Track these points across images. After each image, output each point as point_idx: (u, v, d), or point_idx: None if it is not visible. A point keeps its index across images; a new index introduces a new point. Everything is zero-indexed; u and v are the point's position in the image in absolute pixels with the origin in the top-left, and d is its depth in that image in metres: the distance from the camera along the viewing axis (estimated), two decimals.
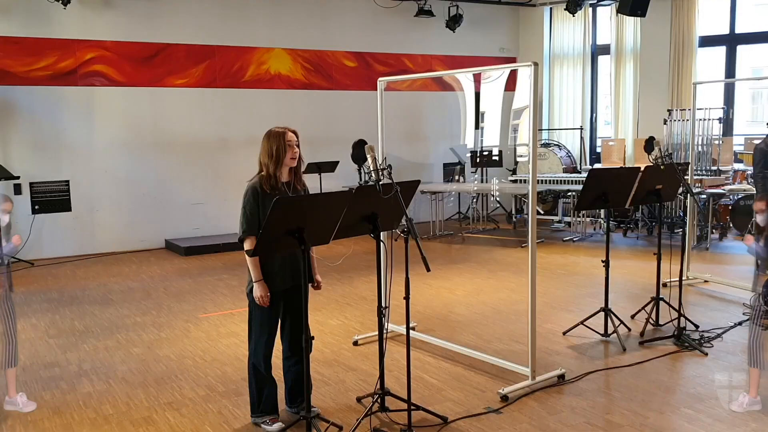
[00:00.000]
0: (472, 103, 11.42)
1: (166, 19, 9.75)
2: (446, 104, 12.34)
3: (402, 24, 11.65)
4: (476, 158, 11.47)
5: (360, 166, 3.25)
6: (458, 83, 11.37)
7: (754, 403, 4.04)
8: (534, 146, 4.27)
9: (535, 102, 4.19)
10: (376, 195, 3.54)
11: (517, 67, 4.44)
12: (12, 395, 4.17)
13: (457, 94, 11.57)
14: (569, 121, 12.55)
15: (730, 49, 11.41)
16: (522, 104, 11.80)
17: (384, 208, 3.68)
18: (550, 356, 5.07)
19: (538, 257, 8.89)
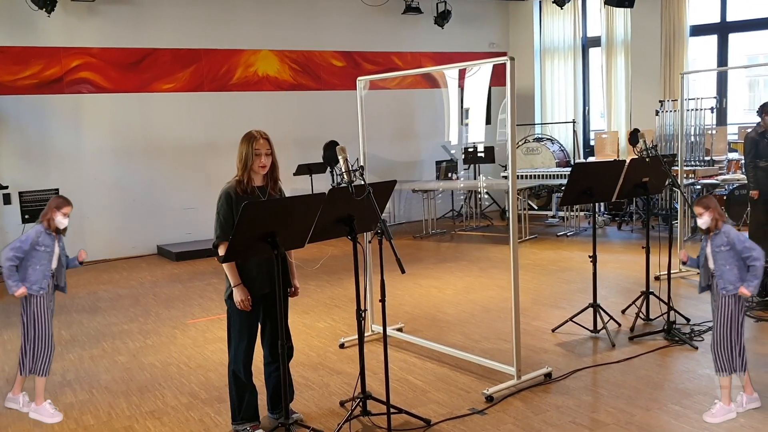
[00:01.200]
0: (456, 99, 11.32)
1: (151, 24, 9.70)
2: (436, 101, 12.27)
3: (390, 22, 11.59)
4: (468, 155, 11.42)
5: (332, 167, 3.20)
6: (443, 80, 11.30)
7: (752, 401, 3.95)
8: (512, 142, 4.21)
9: (512, 97, 4.13)
10: (350, 197, 3.49)
11: (493, 62, 4.36)
12: (39, 403, 4.17)
13: (443, 91, 11.49)
14: (562, 115, 12.49)
15: (722, 37, 11.33)
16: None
17: (360, 210, 3.62)
18: (538, 354, 5.02)
19: (531, 253, 8.90)
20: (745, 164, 7.40)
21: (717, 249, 3.83)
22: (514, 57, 4.15)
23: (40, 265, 4.04)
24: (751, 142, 7.27)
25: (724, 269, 3.82)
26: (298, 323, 6.00)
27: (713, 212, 3.86)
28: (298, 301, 6.71)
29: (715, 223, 3.86)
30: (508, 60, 4.11)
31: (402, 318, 6.06)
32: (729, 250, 3.79)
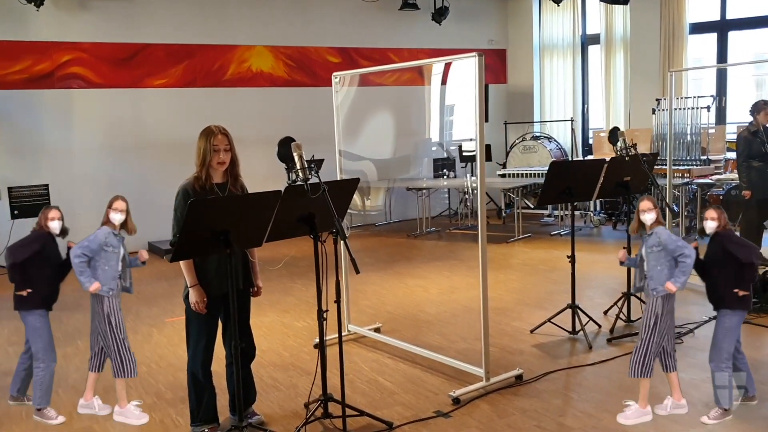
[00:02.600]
0: (437, 96, 11.19)
1: (144, 19, 9.66)
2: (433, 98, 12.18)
3: (386, 18, 11.50)
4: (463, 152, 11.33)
5: (287, 165, 3.14)
6: (429, 76, 11.20)
7: (678, 407, 3.87)
8: (481, 142, 4.12)
9: (481, 94, 4.05)
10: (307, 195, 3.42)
11: (461, 58, 4.28)
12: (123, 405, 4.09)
13: (425, 88, 11.37)
14: (561, 113, 12.36)
15: (721, 35, 11.17)
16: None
17: (321, 209, 3.55)
18: (513, 355, 4.94)
19: (522, 252, 8.81)
20: (738, 164, 7.27)
21: (650, 249, 3.78)
22: (482, 53, 4.07)
23: (108, 266, 3.98)
24: (743, 141, 7.15)
25: (655, 270, 3.78)
26: (276, 322, 5.95)
27: (657, 212, 3.83)
28: (281, 299, 6.67)
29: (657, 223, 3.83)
30: (476, 56, 4.03)
31: (383, 317, 5.99)
32: (661, 251, 3.74)
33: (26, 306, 4.04)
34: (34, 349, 4.05)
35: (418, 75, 12.09)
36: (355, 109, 7.61)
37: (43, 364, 4.04)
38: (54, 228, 4.12)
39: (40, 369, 4.05)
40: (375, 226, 11.38)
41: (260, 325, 5.87)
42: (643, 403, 3.84)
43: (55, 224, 4.13)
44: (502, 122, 12.61)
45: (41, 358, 4.05)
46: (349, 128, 8.00)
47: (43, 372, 4.05)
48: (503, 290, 6.90)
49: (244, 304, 3.82)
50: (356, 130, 9.25)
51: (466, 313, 6.11)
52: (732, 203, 8.97)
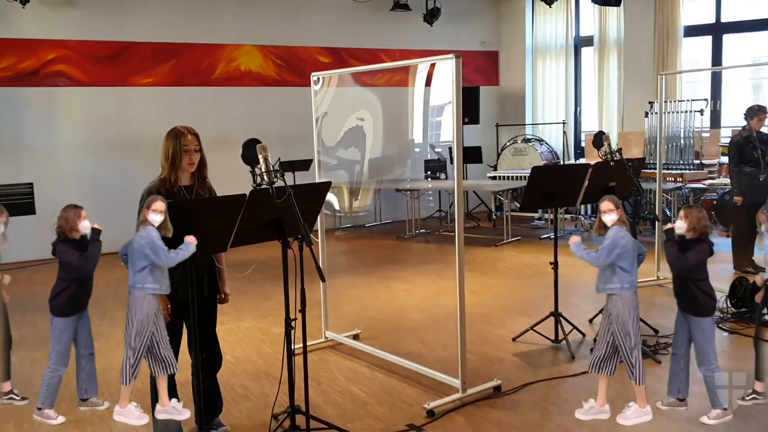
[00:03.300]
0: (421, 98, 11.03)
1: (130, 17, 9.53)
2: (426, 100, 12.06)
3: (378, 18, 11.38)
4: None
5: (252, 168, 3.02)
6: (413, 78, 11.06)
7: (642, 414, 3.83)
8: (458, 144, 3.99)
9: (458, 96, 3.92)
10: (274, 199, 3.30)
11: (439, 59, 4.16)
12: (166, 404, 3.78)
13: (409, 89, 11.22)
14: (553, 116, 12.24)
15: (716, 38, 11.07)
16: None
17: (290, 213, 3.42)
18: (493, 365, 4.81)
19: (510, 257, 8.69)
20: (730, 169, 7.16)
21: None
22: (460, 56, 3.95)
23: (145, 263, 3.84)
24: (736, 146, 7.04)
25: (603, 271, 3.78)
26: (253, 328, 5.82)
27: (620, 212, 3.78)
28: (260, 304, 6.54)
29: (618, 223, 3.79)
30: (453, 58, 3.91)
31: (364, 323, 5.86)
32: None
33: (58, 311, 3.98)
34: (51, 350, 3.99)
35: (411, 76, 11.96)
36: (342, 109, 7.48)
37: (54, 366, 4.00)
38: (84, 228, 4.00)
39: (50, 371, 4.00)
40: (364, 227, 11.26)
41: (236, 332, 5.75)
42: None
43: (86, 224, 4.01)
44: (494, 124, 12.49)
45: (54, 360, 3.99)
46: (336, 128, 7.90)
47: (53, 374, 4.00)
48: (488, 296, 6.78)
49: (209, 312, 3.70)
50: (344, 130, 9.11)
51: (449, 320, 5.94)
52: (725, 208, 8.86)
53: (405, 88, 11.76)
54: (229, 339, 5.47)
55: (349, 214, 10.79)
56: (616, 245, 3.72)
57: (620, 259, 3.74)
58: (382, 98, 11.26)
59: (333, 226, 10.93)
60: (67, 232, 3.93)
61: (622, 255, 3.73)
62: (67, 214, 3.98)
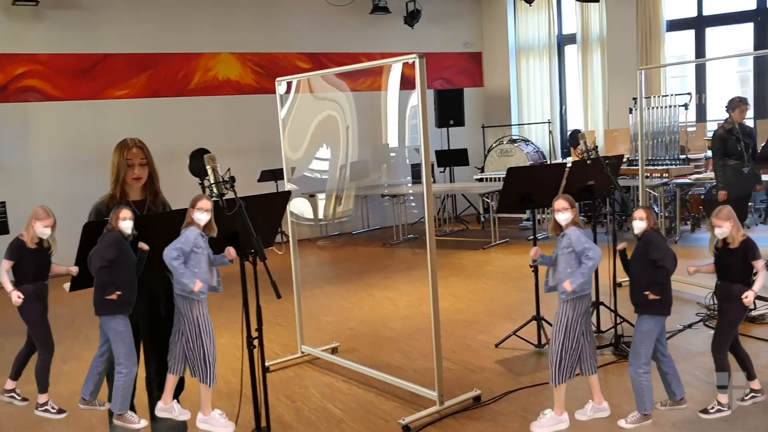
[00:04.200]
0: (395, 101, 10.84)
1: (103, 29, 9.37)
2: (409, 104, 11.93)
3: (357, 22, 11.24)
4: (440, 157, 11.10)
5: (201, 179, 2.88)
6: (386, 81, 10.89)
7: (600, 410, 3.69)
8: (426, 149, 3.84)
9: (424, 98, 3.78)
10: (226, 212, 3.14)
11: (402, 60, 4.01)
12: (206, 413, 3.73)
13: (381, 93, 11.06)
14: (539, 115, 12.12)
15: (699, 32, 10.97)
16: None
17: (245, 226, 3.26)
18: (475, 374, 4.65)
19: (497, 259, 8.54)
20: (713, 163, 7.03)
21: (561, 251, 3.59)
22: (423, 55, 3.80)
23: (198, 268, 3.67)
24: (719, 139, 6.91)
25: (565, 273, 3.57)
26: (229, 344, 5.63)
27: (574, 212, 3.65)
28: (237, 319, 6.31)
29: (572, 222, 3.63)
30: (417, 58, 3.76)
31: (344, 334, 5.70)
32: (570, 253, 3.54)
33: (110, 310, 3.70)
34: (117, 354, 3.71)
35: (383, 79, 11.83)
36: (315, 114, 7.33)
37: (125, 369, 3.71)
38: (125, 228, 3.80)
39: (123, 375, 3.72)
40: (351, 234, 11.11)
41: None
42: (559, 411, 3.65)
43: (127, 224, 3.81)
44: (480, 126, 12.36)
45: (123, 363, 3.72)
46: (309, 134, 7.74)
47: (126, 377, 3.74)
48: (473, 300, 6.62)
49: (168, 333, 3.53)
50: (323, 136, 8.94)
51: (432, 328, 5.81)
52: (714, 203, 8.73)
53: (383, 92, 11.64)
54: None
55: (333, 221, 10.63)
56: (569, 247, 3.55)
57: (570, 261, 3.58)
58: (360, 102, 11.13)
59: (319, 235, 10.77)
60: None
61: (573, 258, 3.58)
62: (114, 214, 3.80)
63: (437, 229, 10.94)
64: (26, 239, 3.29)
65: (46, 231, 3.19)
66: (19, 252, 3.29)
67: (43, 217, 3.27)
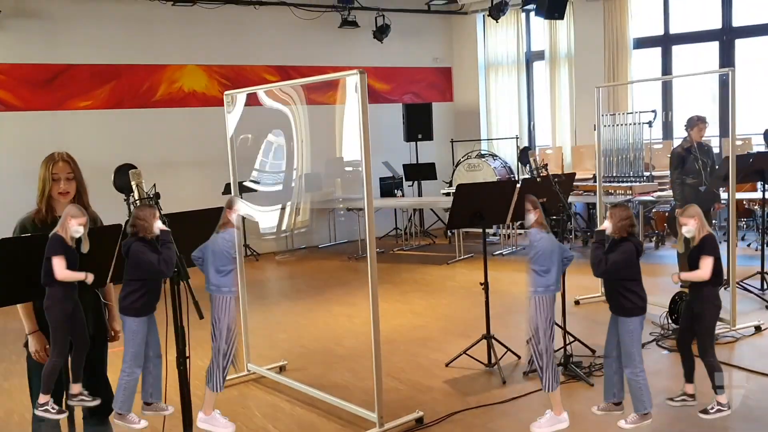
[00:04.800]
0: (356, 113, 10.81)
1: (66, 39, 9.24)
2: (378, 117, 11.92)
3: (326, 36, 11.22)
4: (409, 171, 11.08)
5: (127, 196, 2.83)
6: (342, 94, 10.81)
7: (558, 422, 3.73)
8: (367, 164, 3.79)
9: (365, 114, 3.73)
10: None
11: (342, 76, 3.98)
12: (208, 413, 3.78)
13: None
14: (507, 131, 12.14)
15: (665, 49, 11.09)
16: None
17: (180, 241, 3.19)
18: (422, 394, 4.59)
19: (460, 274, 8.50)
20: (671, 181, 7.06)
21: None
22: (364, 71, 3.76)
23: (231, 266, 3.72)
24: (677, 157, 6.93)
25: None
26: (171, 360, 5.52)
27: (538, 213, 3.77)
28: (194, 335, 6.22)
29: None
30: (357, 74, 3.72)
31: (295, 352, 5.61)
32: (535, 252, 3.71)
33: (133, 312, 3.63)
34: (124, 353, 3.64)
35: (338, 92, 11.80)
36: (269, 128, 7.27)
37: (129, 370, 3.64)
38: (157, 228, 3.70)
39: (126, 374, 3.65)
40: (318, 248, 11.03)
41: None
42: (558, 410, 3.71)
43: (159, 224, 3.72)
44: (449, 140, 12.36)
45: (128, 363, 3.63)
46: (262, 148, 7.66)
47: (129, 377, 3.67)
48: (431, 317, 6.57)
49: (98, 350, 3.43)
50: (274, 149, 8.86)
51: (386, 345, 5.66)
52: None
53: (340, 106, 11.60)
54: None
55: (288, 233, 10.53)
56: (532, 247, 3.66)
57: (535, 261, 3.65)
58: (317, 115, 11.09)
59: (285, 248, 10.68)
60: (140, 231, 3.64)
61: (537, 258, 3.65)
62: (143, 213, 3.68)
63: (404, 243, 10.90)
64: (65, 236, 3.25)
65: (79, 229, 3.14)
66: (63, 247, 3.25)
67: (77, 215, 3.22)
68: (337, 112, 10.98)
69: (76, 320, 3.37)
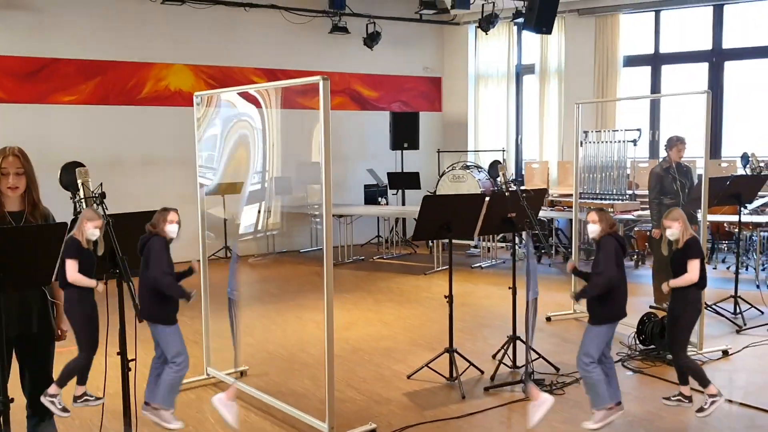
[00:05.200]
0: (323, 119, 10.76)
1: (52, 33, 9.19)
2: (365, 124, 11.92)
3: (316, 40, 11.19)
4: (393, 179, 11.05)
5: (73, 194, 2.80)
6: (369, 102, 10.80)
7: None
8: (327, 171, 3.75)
9: (327, 121, 3.70)
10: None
11: (308, 81, 3.94)
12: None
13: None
14: (494, 143, 12.12)
15: (655, 69, 11.10)
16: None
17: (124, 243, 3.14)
18: (379, 405, 4.53)
19: (435, 285, 8.45)
20: (649, 200, 7.03)
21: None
22: (328, 78, 3.73)
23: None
24: (655, 177, 6.91)
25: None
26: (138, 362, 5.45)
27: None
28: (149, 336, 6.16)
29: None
30: (321, 80, 3.68)
31: (259, 357, 5.56)
32: None
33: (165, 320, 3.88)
34: (170, 353, 3.87)
35: (351, 100, 11.81)
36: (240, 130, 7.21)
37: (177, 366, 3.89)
38: (171, 232, 3.77)
39: (174, 370, 3.88)
40: (299, 252, 10.98)
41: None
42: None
43: (173, 228, 3.80)
44: (436, 150, 12.34)
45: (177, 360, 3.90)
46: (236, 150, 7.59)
47: (177, 373, 3.90)
48: (399, 328, 6.52)
49: (39, 349, 3.37)
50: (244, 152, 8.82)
51: (351, 354, 5.71)
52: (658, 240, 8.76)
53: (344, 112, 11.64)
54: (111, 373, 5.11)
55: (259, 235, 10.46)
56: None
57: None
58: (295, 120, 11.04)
59: (266, 251, 10.62)
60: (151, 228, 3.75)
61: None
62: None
63: (385, 251, 10.85)
64: (81, 239, 3.25)
65: (95, 232, 3.15)
66: (78, 250, 3.26)
67: (93, 218, 3.23)
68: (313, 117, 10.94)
69: (93, 322, 3.41)
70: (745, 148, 9.32)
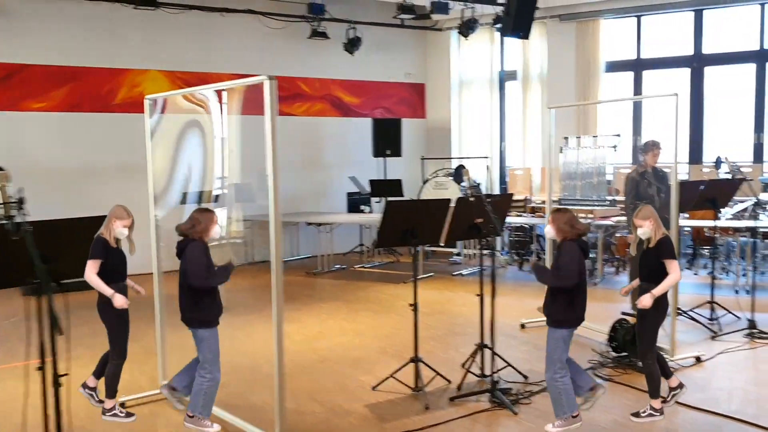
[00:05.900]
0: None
1: (22, 39, 9.04)
2: (347, 131, 11.80)
3: (295, 46, 11.07)
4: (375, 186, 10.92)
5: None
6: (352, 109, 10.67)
7: None
8: (275, 176, 3.61)
9: (274, 123, 3.56)
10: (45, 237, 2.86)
11: (254, 81, 3.83)
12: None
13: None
14: (478, 149, 12.01)
15: (637, 74, 11.03)
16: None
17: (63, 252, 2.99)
18: (339, 418, 4.38)
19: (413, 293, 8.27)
20: (626, 205, 6.92)
21: None
22: (275, 77, 3.59)
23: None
24: (631, 182, 6.81)
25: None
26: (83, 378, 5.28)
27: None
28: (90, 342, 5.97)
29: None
30: (267, 80, 3.55)
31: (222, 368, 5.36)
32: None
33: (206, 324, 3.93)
34: (203, 359, 3.91)
35: (332, 106, 11.69)
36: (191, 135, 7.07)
37: (209, 375, 3.92)
38: (216, 233, 3.86)
39: (206, 379, 3.91)
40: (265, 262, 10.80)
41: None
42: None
43: (217, 230, 3.89)
44: (420, 157, 12.21)
45: (208, 368, 3.92)
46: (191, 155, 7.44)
47: (210, 382, 3.93)
48: (372, 337, 6.37)
49: None
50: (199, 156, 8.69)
51: (318, 364, 5.55)
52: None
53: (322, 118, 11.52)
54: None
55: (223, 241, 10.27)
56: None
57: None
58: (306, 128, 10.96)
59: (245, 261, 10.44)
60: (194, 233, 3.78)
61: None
62: (202, 216, 3.90)
63: (368, 260, 10.70)
64: (108, 238, 3.15)
65: (124, 231, 3.08)
66: (105, 250, 3.18)
67: (123, 216, 3.14)
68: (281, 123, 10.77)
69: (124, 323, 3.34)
70: (726, 152, 9.23)
